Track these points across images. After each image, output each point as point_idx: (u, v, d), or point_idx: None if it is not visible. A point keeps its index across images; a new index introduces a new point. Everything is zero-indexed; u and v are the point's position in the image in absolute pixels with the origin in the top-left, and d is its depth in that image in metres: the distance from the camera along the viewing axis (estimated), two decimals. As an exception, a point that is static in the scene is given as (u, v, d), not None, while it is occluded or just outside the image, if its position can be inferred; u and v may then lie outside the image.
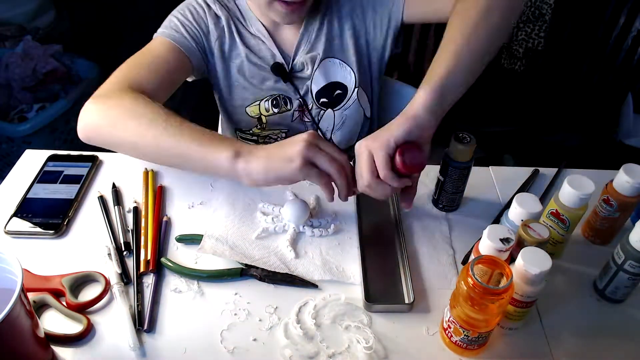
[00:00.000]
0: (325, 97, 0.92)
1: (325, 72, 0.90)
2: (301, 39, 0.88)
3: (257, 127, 0.94)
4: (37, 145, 1.63)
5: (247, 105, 0.91)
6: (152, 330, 0.58)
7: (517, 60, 2.01)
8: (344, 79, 0.92)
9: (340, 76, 0.91)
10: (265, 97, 0.90)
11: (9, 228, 0.68)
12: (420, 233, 0.71)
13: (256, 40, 0.88)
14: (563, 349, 0.58)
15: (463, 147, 0.66)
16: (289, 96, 0.91)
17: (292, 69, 0.90)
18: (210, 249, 0.66)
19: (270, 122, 0.93)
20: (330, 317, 0.60)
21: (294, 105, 0.92)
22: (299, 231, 0.71)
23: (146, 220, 0.70)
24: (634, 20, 1.99)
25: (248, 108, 0.91)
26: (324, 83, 0.91)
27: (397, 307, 0.61)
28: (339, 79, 0.92)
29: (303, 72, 0.90)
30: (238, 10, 0.88)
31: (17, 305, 0.46)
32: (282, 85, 0.90)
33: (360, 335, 0.57)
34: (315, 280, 0.64)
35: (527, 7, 1.90)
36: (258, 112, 0.91)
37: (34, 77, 1.76)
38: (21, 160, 0.81)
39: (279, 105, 0.91)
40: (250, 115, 0.92)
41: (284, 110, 0.92)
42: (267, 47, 0.88)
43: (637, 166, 0.64)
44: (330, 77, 0.91)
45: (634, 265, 0.58)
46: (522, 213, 0.59)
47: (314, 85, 0.91)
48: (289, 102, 0.92)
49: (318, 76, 0.90)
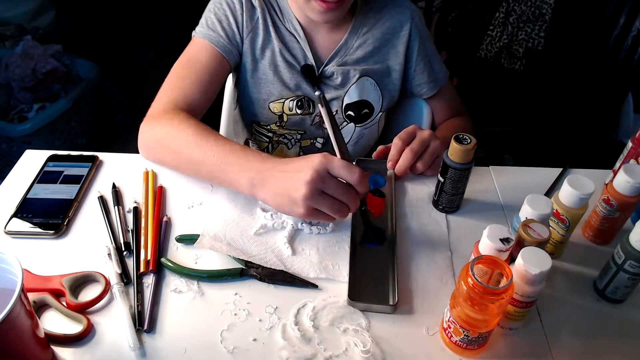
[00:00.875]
0: (352, 111, 0.94)
1: (362, 90, 0.92)
2: (339, 49, 0.90)
3: (276, 124, 0.94)
4: (37, 145, 1.63)
5: (271, 100, 0.91)
6: (152, 331, 0.58)
7: (517, 60, 2.01)
8: (374, 100, 0.95)
9: (372, 97, 0.94)
10: (291, 97, 0.91)
11: (9, 228, 0.68)
12: (419, 234, 0.71)
13: (290, 37, 0.89)
14: (563, 349, 0.58)
15: (463, 148, 0.66)
16: (313, 99, 0.92)
17: (321, 74, 0.91)
18: (208, 244, 0.67)
19: (291, 122, 0.93)
20: (329, 319, 0.59)
21: (317, 109, 0.93)
22: (297, 228, 0.71)
23: (146, 220, 0.70)
24: (634, 20, 1.99)
25: (272, 104, 0.92)
26: (357, 99, 0.93)
27: (380, 308, 0.60)
28: (370, 99, 0.94)
29: (332, 80, 0.91)
30: (277, 5, 0.89)
31: (17, 305, 0.46)
32: (309, 88, 0.91)
33: (358, 338, 0.57)
34: (311, 279, 0.64)
35: (527, 7, 1.90)
36: (281, 110, 0.92)
37: (34, 77, 1.76)
38: (21, 160, 0.81)
39: (303, 107, 0.92)
40: (272, 111, 0.92)
41: (306, 113, 0.93)
42: (300, 47, 0.89)
43: (637, 166, 0.64)
44: (364, 95, 0.93)
45: (634, 265, 0.58)
46: (533, 214, 0.59)
47: (347, 97, 0.92)
48: (312, 105, 0.92)
49: (354, 90, 0.92)
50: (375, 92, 0.94)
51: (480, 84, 2.27)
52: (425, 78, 0.97)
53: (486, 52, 2.05)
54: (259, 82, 0.90)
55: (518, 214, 0.62)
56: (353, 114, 0.94)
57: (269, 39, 0.88)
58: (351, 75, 0.91)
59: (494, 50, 2.02)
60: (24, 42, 1.82)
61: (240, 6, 0.86)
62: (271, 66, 0.89)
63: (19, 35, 1.92)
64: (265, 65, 0.89)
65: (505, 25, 1.97)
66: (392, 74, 0.95)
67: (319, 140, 0.97)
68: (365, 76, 0.92)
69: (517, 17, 1.93)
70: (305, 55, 0.89)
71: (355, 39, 0.91)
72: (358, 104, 0.93)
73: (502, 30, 1.98)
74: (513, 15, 1.93)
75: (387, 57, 0.94)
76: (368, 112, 0.95)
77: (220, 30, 0.85)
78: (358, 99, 0.93)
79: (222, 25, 0.85)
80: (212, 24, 0.86)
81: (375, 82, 0.93)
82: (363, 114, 0.95)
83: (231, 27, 0.86)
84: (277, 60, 0.89)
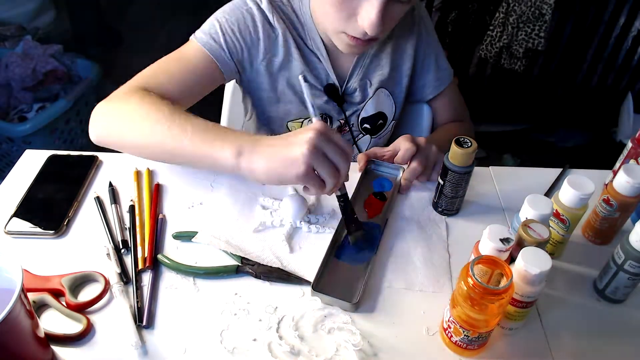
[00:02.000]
0: (369, 124, 0.93)
1: (377, 102, 0.91)
2: (357, 63, 0.88)
3: None
4: (37, 145, 1.63)
5: (289, 119, 0.89)
6: (151, 327, 0.58)
7: (517, 60, 2.01)
8: (387, 110, 0.93)
9: (386, 107, 0.93)
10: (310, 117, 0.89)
11: (9, 228, 0.68)
12: (418, 235, 0.71)
13: (313, 57, 0.86)
14: (563, 349, 0.58)
15: (463, 151, 0.66)
16: (330, 115, 0.90)
17: (344, 92, 0.89)
18: (206, 240, 0.67)
19: None
20: (311, 325, 0.59)
21: (333, 125, 0.91)
22: (295, 226, 0.71)
23: (141, 217, 0.70)
24: (634, 20, 1.99)
25: (290, 123, 0.90)
26: (373, 112, 0.92)
27: (341, 303, 0.60)
28: (384, 110, 0.93)
29: (353, 97, 0.90)
30: (298, 22, 0.84)
31: (17, 305, 0.46)
32: (327, 106, 0.89)
33: (346, 334, 0.57)
34: (307, 277, 0.64)
35: (527, 7, 1.90)
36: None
37: (34, 77, 1.76)
38: (21, 160, 0.81)
39: None
40: (290, 129, 0.90)
41: None
42: (322, 67, 0.86)
43: (637, 166, 0.64)
44: (379, 107, 0.92)
45: (634, 265, 0.58)
46: (533, 214, 0.59)
47: (363, 112, 0.91)
48: (329, 121, 0.91)
49: (370, 104, 0.91)
50: (390, 102, 0.93)
51: (480, 84, 2.27)
52: (430, 77, 0.94)
53: (486, 52, 2.05)
54: (277, 101, 0.88)
55: (518, 214, 0.62)
56: (369, 127, 0.93)
57: (290, 59, 0.84)
58: (368, 88, 0.90)
59: (494, 50, 2.02)
60: (24, 42, 1.82)
61: (253, 24, 0.81)
62: (289, 86, 0.86)
63: (19, 35, 1.92)
64: (284, 84, 0.86)
65: (505, 25, 1.97)
66: (402, 80, 0.92)
67: None
68: (380, 88, 0.90)
69: (517, 17, 1.93)
70: (327, 75, 0.87)
71: (370, 49, 0.88)
72: (374, 117, 0.92)
73: (502, 30, 1.98)
74: (513, 15, 1.93)
75: (400, 62, 0.90)
76: (382, 122, 0.94)
77: (222, 41, 0.80)
78: (374, 112, 0.92)
79: (226, 38, 0.80)
80: (215, 33, 0.80)
81: (389, 92, 0.92)
82: (378, 125, 0.94)
83: (235, 42, 0.80)
84: (298, 80, 0.83)
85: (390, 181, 0.79)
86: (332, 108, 0.90)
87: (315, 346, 0.57)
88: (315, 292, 0.61)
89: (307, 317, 0.60)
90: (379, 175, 0.80)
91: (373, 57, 0.89)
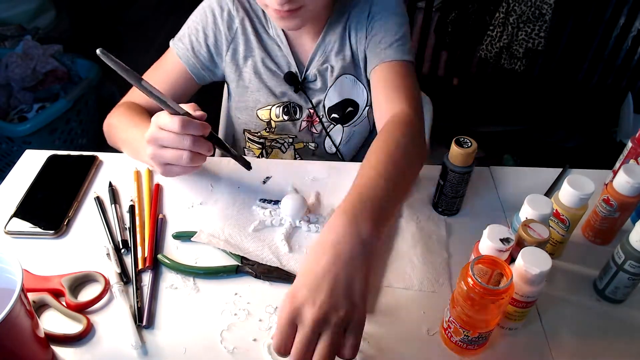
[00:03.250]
0: (336, 113, 0.92)
1: (341, 89, 0.90)
2: (317, 49, 0.87)
3: (265, 130, 0.93)
4: (37, 145, 1.63)
5: (258, 107, 0.91)
6: (151, 327, 0.58)
7: (517, 60, 2.01)
8: (357, 96, 0.91)
9: (354, 94, 0.91)
10: (277, 104, 0.90)
11: (9, 228, 0.68)
12: (417, 235, 0.71)
13: (273, 45, 0.87)
14: (563, 349, 0.58)
15: (463, 152, 0.66)
16: (300, 105, 0.91)
17: (304, 79, 0.89)
18: (205, 239, 0.67)
19: (279, 128, 0.93)
20: None
21: (304, 114, 0.92)
22: (295, 226, 0.71)
23: (141, 217, 0.70)
24: (634, 20, 1.99)
25: (259, 111, 0.91)
26: (338, 100, 0.91)
27: None
28: (352, 96, 0.91)
29: (315, 84, 0.89)
30: (261, 11, 0.86)
31: (17, 305, 0.46)
32: (294, 94, 0.90)
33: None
34: None
35: (527, 7, 1.90)
36: (268, 117, 0.91)
37: (34, 77, 1.76)
38: (21, 160, 0.81)
39: (289, 113, 0.91)
40: (260, 118, 0.91)
41: (294, 118, 0.92)
42: (283, 54, 0.87)
43: (637, 166, 0.64)
44: (344, 94, 0.91)
45: (634, 265, 0.58)
46: (533, 214, 0.59)
47: (327, 100, 0.90)
48: (299, 110, 0.91)
49: (333, 92, 0.90)
50: (357, 88, 0.91)
51: (480, 84, 2.27)
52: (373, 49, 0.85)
53: (486, 52, 2.05)
54: (245, 90, 0.90)
55: (518, 214, 0.62)
56: (337, 116, 0.92)
57: (251, 48, 0.86)
58: (328, 76, 0.88)
59: (494, 50, 2.02)
60: (24, 42, 1.82)
61: (214, 18, 0.84)
62: (255, 74, 0.88)
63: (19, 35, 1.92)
64: (250, 73, 0.88)
65: (505, 26, 1.97)
66: (361, 62, 0.88)
67: (311, 145, 0.96)
68: (343, 75, 0.89)
69: (517, 17, 1.93)
70: (288, 62, 0.87)
71: (331, 36, 0.86)
72: (340, 105, 0.91)
73: (502, 30, 1.98)
74: (513, 16, 1.93)
75: (358, 45, 0.87)
76: (353, 109, 0.92)
77: (189, 46, 0.85)
78: (339, 100, 0.90)
79: (192, 40, 0.85)
80: (184, 37, 0.85)
81: (355, 77, 0.90)
82: (348, 112, 0.92)
83: (200, 42, 0.85)
84: (260, 69, 0.87)
85: None
86: (299, 97, 0.90)
87: None
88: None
89: None
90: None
91: (334, 43, 0.87)
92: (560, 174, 0.82)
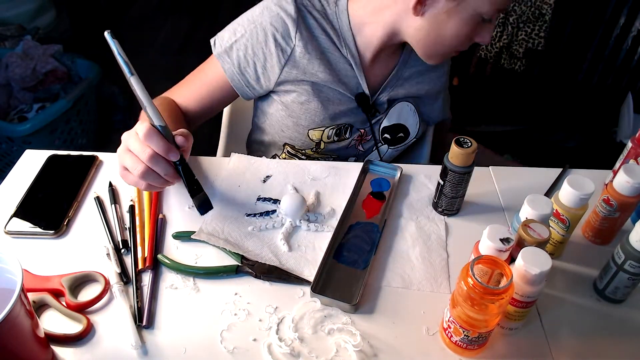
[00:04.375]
0: (388, 134, 0.93)
1: (399, 114, 0.92)
2: (392, 79, 0.88)
3: (312, 149, 0.90)
4: (37, 145, 1.63)
5: (311, 128, 0.87)
6: (151, 327, 0.58)
7: (517, 60, 2.02)
8: (411, 126, 0.94)
9: (410, 122, 0.93)
10: (332, 126, 0.87)
11: (9, 228, 0.68)
12: (417, 235, 0.71)
13: (345, 64, 0.84)
14: (563, 349, 0.58)
15: (463, 152, 0.66)
16: (351, 124, 0.89)
17: (374, 103, 0.89)
18: (205, 237, 0.67)
19: (327, 149, 0.90)
20: (311, 326, 0.59)
21: (354, 135, 0.90)
22: (294, 225, 0.71)
23: (141, 217, 0.70)
24: (634, 20, 1.99)
25: (311, 131, 0.88)
26: (394, 122, 0.92)
27: (341, 305, 0.60)
28: (408, 124, 0.93)
29: (382, 107, 0.90)
30: (332, 28, 0.82)
31: (17, 305, 0.46)
32: (352, 115, 0.87)
33: (346, 335, 0.57)
34: (305, 276, 0.64)
35: (527, 7, 1.90)
36: (319, 138, 0.88)
37: (34, 77, 1.76)
38: (21, 160, 0.81)
39: (340, 134, 0.89)
40: (311, 138, 0.88)
41: (343, 138, 0.90)
42: (354, 75, 0.84)
43: (637, 166, 0.64)
44: (401, 119, 0.92)
45: (634, 265, 0.58)
46: (533, 214, 0.59)
47: (385, 120, 0.91)
48: (350, 130, 0.89)
49: (392, 114, 0.91)
50: (414, 118, 0.93)
51: (480, 84, 2.27)
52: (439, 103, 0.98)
53: (486, 52, 2.05)
54: (299, 109, 0.85)
55: (518, 214, 0.62)
56: (389, 137, 0.93)
57: (314, 67, 0.81)
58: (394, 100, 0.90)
59: (494, 50, 2.03)
60: (24, 42, 1.83)
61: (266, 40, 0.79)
62: (316, 93, 0.83)
63: (19, 35, 1.92)
64: (309, 93, 0.83)
65: (505, 25, 1.97)
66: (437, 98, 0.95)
67: (351, 159, 0.95)
68: (405, 101, 0.91)
69: (517, 17, 1.93)
70: (358, 84, 0.85)
71: (405, 69, 0.88)
72: (394, 127, 0.92)
73: (502, 30, 1.99)
74: (513, 16, 1.93)
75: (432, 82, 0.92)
76: (403, 136, 0.94)
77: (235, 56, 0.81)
78: (395, 122, 0.92)
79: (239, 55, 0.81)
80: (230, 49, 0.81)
81: (415, 107, 0.92)
82: (398, 137, 0.94)
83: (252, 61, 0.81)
84: (323, 88, 0.83)
85: (388, 181, 0.79)
86: (358, 120, 0.88)
87: (315, 347, 0.57)
88: (314, 293, 0.61)
89: (306, 318, 0.60)
90: (376, 175, 0.80)
91: (408, 77, 0.90)
92: (560, 174, 0.82)
